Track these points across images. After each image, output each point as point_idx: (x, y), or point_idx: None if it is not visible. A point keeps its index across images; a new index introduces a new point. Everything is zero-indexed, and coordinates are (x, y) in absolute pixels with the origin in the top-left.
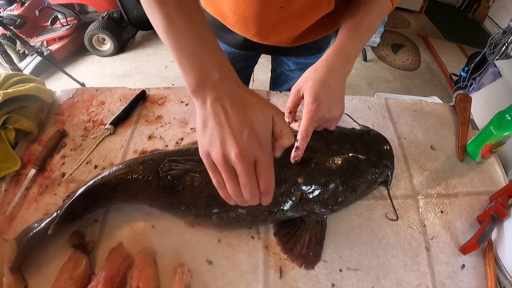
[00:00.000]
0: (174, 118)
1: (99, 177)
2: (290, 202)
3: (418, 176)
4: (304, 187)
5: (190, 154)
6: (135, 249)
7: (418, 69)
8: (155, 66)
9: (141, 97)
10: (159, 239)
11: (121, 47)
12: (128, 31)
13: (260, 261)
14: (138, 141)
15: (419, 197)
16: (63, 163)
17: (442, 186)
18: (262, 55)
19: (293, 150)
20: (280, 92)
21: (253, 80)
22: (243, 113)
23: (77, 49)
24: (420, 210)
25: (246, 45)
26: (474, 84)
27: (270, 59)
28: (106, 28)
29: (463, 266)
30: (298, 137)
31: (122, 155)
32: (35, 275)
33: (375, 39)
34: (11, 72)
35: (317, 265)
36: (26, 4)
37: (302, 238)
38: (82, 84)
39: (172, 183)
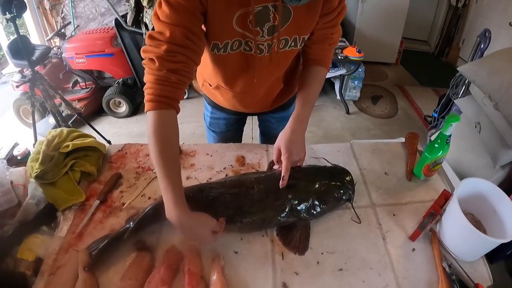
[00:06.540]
0: (203, 165)
1: (160, 200)
2: (285, 211)
3: (374, 193)
4: (292, 200)
5: (222, 184)
6: (184, 249)
7: (396, 116)
8: None
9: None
10: None
11: (134, 110)
12: (141, 95)
13: (269, 249)
14: None
15: (376, 206)
16: (122, 196)
17: (394, 198)
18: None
19: (281, 180)
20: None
21: (252, 138)
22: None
23: (94, 110)
24: (377, 214)
25: (237, 113)
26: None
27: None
28: (121, 93)
29: (414, 249)
30: (283, 171)
31: None
32: (105, 272)
33: (356, 94)
34: (69, 128)
35: (306, 252)
36: (47, 67)
37: (295, 236)
38: (109, 142)
39: (211, 201)
